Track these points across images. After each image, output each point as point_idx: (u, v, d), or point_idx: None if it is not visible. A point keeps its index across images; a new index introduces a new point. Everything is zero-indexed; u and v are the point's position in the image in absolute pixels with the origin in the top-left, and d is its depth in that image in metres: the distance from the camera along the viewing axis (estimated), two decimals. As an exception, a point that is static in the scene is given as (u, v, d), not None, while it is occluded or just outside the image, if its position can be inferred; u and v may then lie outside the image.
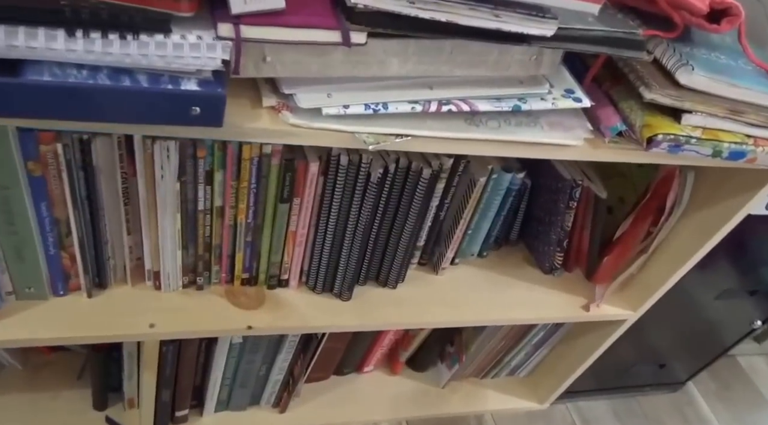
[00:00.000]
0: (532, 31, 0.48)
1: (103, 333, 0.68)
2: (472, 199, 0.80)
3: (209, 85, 0.45)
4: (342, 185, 0.67)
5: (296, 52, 0.48)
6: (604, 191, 0.84)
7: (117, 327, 0.69)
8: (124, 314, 0.70)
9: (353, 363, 1.13)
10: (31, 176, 0.57)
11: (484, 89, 0.56)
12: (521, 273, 0.96)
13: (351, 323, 0.81)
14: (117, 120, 0.44)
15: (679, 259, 0.87)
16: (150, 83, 0.43)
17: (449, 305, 0.87)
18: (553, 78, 0.60)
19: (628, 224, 0.92)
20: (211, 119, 0.46)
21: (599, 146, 0.62)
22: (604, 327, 1.00)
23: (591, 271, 0.97)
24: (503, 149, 0.57)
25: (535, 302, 0.92)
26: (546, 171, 0.88)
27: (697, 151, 0.61)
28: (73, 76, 0.41)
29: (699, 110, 0.60)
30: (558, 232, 0.90)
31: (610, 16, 0.58)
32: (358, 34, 0.46)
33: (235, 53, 0.44)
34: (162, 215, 0.65)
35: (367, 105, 0.52)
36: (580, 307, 0.93)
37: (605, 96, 0.66)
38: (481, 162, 0.79)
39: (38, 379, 1.00)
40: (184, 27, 0.44)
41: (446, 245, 0.88)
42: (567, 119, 0.60)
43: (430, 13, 0.45)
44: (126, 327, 0.69)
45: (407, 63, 0.51)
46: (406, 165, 0.70)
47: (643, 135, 0.60)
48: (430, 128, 0.55)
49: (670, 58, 0.61)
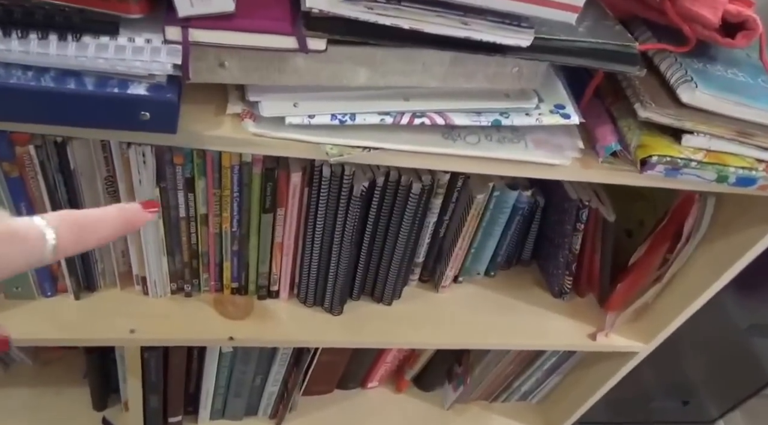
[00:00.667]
0: (505, 41, 0.45)
1: (83, 336, 0.69)
2: (471, 216, 0.77)
3: (159, 90, 0.44)
4: (326, 198, 0.65)
5: (255, 59, 0.46)
6: (612, 214, 0.79)
7: (97, 330, 0.69)
8: (107, 318, 0.70)
9: (357, 378, 1.11)
10: (7, 177, 0.57)
11: (465, 102, 0.53)
12: (529, 296, 0.92)
13: (338, 339, 0.79)
14: (64, 123, 0.44)
15: (695, 290, 0.81)
16: (96, 87, 0.42)
17: (446, 326, 0.84)
18: (544, 92, 0.57)
19: (643, 250, 0.86)
20: (163, 125, 0.45)
21: (591, 166, 0.57)
22: (615, 357, 0.94)
23: (603, 297, 0.92)
24: (482, 165, 0.54)
25: (539, 328, 0.88)
26: (555, 190, 0.84)
27: (698, 175, 0.57)
28: (16, 77, 0.41)
29: (701, 131, 0.55)
30: (566, 254, 0.85)
31: (606, 27, 0.54)
32: (316, 40, 0.45)
33: (184, 58, 0.43)
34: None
35: (334, 115, 0.50)
36: (587, 335, 0.88)
37: (606, 113, 0.62)
38: (483, 179, 0.75)
39: (45, 375, 1.02)
40: (135, 29, 0.43)
41: (446, 263, 0.84)
42: (556, 136, 0.57)
43: (391, 19, 0.43)
44: (105, 331, 0.69)
45: (376, 73, 0.49)
46: (395, 179, 0.67)
47: (636, 156, 0.55)
48: (405, 141, 0.53)
49: (674, 74, 0.56)
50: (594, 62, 0.50)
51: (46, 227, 0.29)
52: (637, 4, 0.60)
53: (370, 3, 0.42)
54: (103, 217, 0.33)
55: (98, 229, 0.32)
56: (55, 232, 0.29)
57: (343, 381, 1.10)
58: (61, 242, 0.30)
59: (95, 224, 0.32)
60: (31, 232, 0.29)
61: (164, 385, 0.86)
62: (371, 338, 0.80)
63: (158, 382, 0.83)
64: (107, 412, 0.98)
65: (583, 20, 0.54)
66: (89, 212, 0.32)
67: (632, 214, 0.92)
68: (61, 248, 0.30)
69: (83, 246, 0.31)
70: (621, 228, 0.92)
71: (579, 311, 0.91)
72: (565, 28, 0.50)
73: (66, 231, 0.30)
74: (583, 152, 0.58)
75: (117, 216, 0.33)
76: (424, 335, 0.83)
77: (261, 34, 0.43)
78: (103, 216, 0.33)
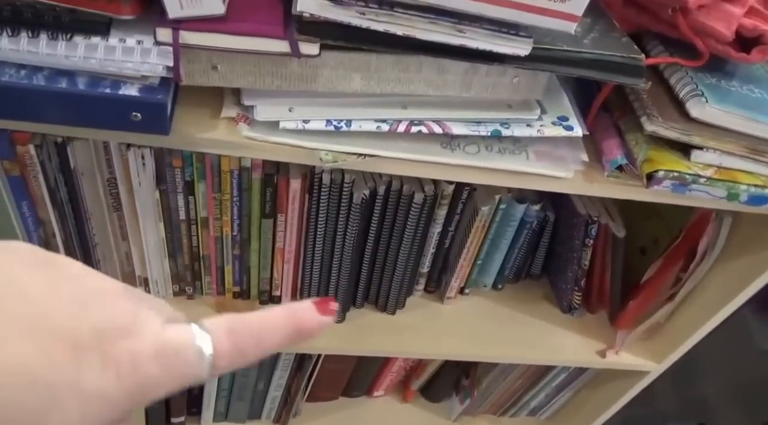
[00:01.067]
0: (501, 50, 0.44)
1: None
2: (476, 228, 0.75)
3: (151, 91, 0.44)
4: (326, 205, 0.65)
5: (248, 62, 0.46)
6: (622, 230, 0.77)
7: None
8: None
9: (362, 386, 1.10)
10: (8, 175, 0.58)
11: (465, 112, 0.52)
12: (537, 310, 0.90)
13: (340, 346, 0.78)
14: (57, 121, 0.44)
15: (709, 310, 0.78)
16: (88, 86, 0.42)
17: (450, 337, 0.82)
18: (548, 103, 0.55)
19: (656, 268, 0.84)
20: (154, 126, 0.45)
21: (595, 179, 0.56)
22: (625, 376, 0.91)
23: (614, 315, 0.89)
24: (481, 176, 0.53)
25: (548, 342, 0.86)
26: (565, 205, 0.82)
27: (708, 192, 0.54)
28: (9, 75, 0.41)
29: (711, 147, 0.53)
30: (575, 270, 0.83)
31: (612, 39, 0.52)
32: (309, 45, 0.44)
33: (175, 60, 0.43)
34: (143, 223, 0.65)
35: (329, 121, 0.49)
36: (596, 352, 0.86)
37: (614, 127, 0.60)
38: (489, 191, 0.74)
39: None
40: (127, 30, 0.43)
41: (452, 274, 0.83)
42: (559, 148, 0.55)
43: (384, 25, 0.42)
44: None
45: (371, 79, 0.48)
46: (397, 188, 0.66)
47: (643, 170, 0.53)
48: (402, 150, 0.52)
49: (683, 88, 0.54)
50: (597, 74, 0.48)
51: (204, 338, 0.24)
52: (650, 17, 0.58)
53: (363, 8, 0.41)
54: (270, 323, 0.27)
55: (263, 340, 0.26)
56: (212, 344, 0.25)
57: (349, 389, 1.09)
58: (219, 358, 0.25)
59: (261, 334, 0.26)
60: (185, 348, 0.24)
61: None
62: (373, 346, 0.79)
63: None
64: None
65: (590, 32, 0.52)
66: (255, 317, 0.26)
67: (646, 232, 0.89)
68: (219, 365, 0.25)
69: (244, 360, 0.26)
70: (635, 246, 0.90)
71: (589, 327, 0.89)
72: (569, 39, 0.49)
73: (226, 343, 0.25)
74: (588, 165, 0.56)
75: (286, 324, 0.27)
76: (427, 345, 0.81)
77: (252, 38, 0.43)
78: (271, 322, 0.27)
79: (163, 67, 0.43)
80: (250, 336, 0.26)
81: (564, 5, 0.41)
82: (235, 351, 0.25)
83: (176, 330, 0.24)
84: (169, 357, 0.23)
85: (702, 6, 0.53)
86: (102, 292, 0.23)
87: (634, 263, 0.88)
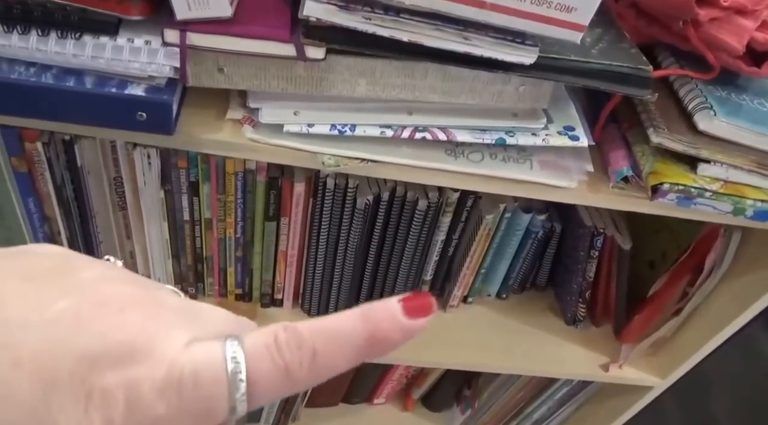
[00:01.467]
0: (507, 58, 0.44)
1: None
2: (480, 236, 0.75)
3: (157, 91, 0.44)
4: (329, 209, 0.65)
5: (254, 65, 0.46)
6: (629, 243, 0.76)
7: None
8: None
9: (362, 393, 1.09)
10: (16, 172, 0.58)
11: (470, 119, 0.52)
12: (541, 321, 0.89)
13: (340, 352, 0.77)
14: (65, 120, 0.44)
15: (715, 326, 0.77)
16: (95, 86, 0.43)
17: (452, 346, 0.82)
18: (555, 113, 0.55)
19: (663, 282, 0.83)
20: (159, 126, 0.45)
21: (600, 190, 0.55)
22: (630, 391, 0.90)
23: (618, 328, 0.88)
24: (484, 184, 0.53)
25: (550, 354, 0.85)
26: (571, 216, 0.82)
27: (714, 206, 0.54)
28: (18, 72, 0.42)
29: (718, 160, 0.52)
30: (580, 281, 0.83)
31: (621, 50, 0.52)
32: (315, 49, 0.44)
33: (181, 61, 0.43)
34: (148, 222, 0.65)
35: (333, 125, 0.49)
36: (599, 366, 0.85)
37: (621, 138, 0.59)
38: (494, 199, 0.74)
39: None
40: (136, 31, 0.43)
41: (455, 282, 0.82)
42: (564, 158, 0.55)
43: (389, 31, 0.42)
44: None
45: (376, 85, 0.48)
46: (401, 194, 0.66)
47: (648, 183, 0.53)
48: (405, 156, 0.52)
49: (692, 100, 0.54)
50: (603, 84, 0.48)
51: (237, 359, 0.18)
52: (661, 29, 0.58)
53: (369, 13, 0.41)
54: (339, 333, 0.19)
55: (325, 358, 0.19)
56: (247, 368, 0.18)
57: (349, 396, 1.08)
58: (256, 387, 0.18)
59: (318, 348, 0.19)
60: (207, 375, 0.18)
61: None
62: (373, 354, 0.78)
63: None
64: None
65: (599, 42, 0.52)
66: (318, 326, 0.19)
67: (655, 245, 0.88)
68: (257, 397, 0.18)
69: (294, 387, 0.19)
70: (644, 260, 0.89)
71: (593, 340, 0.88)
72: (576, 49, 0.48)
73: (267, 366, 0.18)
74: (594, 175, 0.56)
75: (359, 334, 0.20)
76: (429, 353, 0.81)
77: (259, 41, 0.43)
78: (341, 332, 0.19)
79: (169, 67, 0.43)
80: (303, 353, 0.19)
81: (570, 15, 0.41)
82: (281, 374, 0.18)
83: (199, 351, 0.18)
84: (184, 391, 0.17)
85: (714, 19, 0.53)
86: (111, 303, 0.18)
87: (642, 277, 0.87)
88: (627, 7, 0.57)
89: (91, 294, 0.19)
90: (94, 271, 0.20)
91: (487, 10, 0.41)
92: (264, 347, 0.19)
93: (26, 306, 0.18)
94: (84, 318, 0.18)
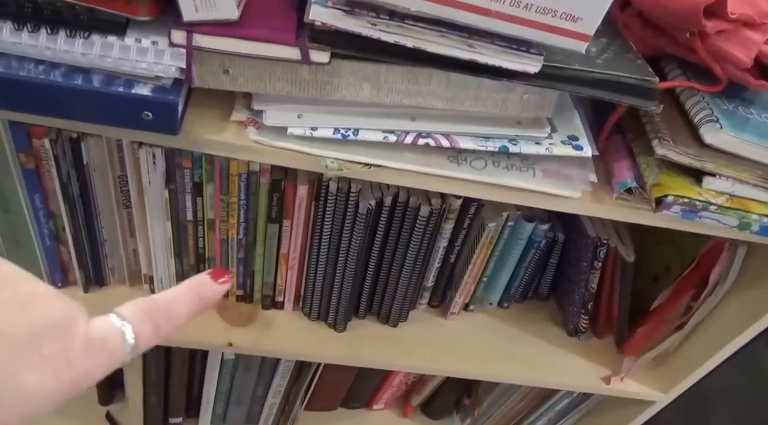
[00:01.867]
0: (511, 66, 0.44)
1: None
2: (482, 244, 0.75)
3: (163, 92, 0.44)
4: (332, 213, 0.65)
5: (259, 67, 0.46)
6: (632, 254, 0.76)
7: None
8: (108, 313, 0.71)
9: (362, 398, 1.09)
10: (24, 168, 0.59)
11: (473, 126, 0.52)
12: (542, 331, 0.89)
13: (339, 356, 0.78)
14: (72, 117, 0.45)
15: (719, 341, 0.76)
16: (102, 84, 0.43)
17: (451, 353, 0.82)
18: (559, 122, 0.55)
19: (666, 296, 0.82)
20: (164, 126, 0.46)
21: (603, 201, 0.55)
22: (631, 405, 0.90)
23: (620, 340, 0.88)
24: (486, 191, 0.53)
25: (551, 365, 0.85)
26: (575, 226, 0.81)
27: (718, 220, 0.53)
28: (27, 70, 0.42)
29: (724, 174, 0.52)
30: (582, 292, 0.82)
31: (627, 60, 0.52)
32: (319, 53, 0.44)
33: (187, 62, 0.43)
34: (151, 221, 0.66)
35: (337, 129, 0.49)
36: (601, 378, 0.84)
37: (626, 148, 0.59)
38: (497, 207, 0.74)
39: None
40: (144, 31, 0.43)
41: (456, 290, 0.82)
42: (568, 168, 0.55)
43: (394, 36, 0.42)
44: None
45: (380, 90, 0.48)
46: (404, 200, 0.66)
47: (652, 194, 0.53)
48: (408, 161, 0.52)
49: (698, 113, 0.54)
50: (608, 94, 0.48)
51: (125, 326, 0.28)
52: (668, 40, 0.58)
53: (374, 19, 0.41)
54: (177, 300, 0.30)
55: (174, 316, 0.30)
56: (133, 330, 0.28)
57: (348, 400, 1.08)
58: (139, 341, 0.28)
59: (171, 311, 0.30)
60: (110, 338, 0.27)
61: (166, 385, 0.86)
62: (374, 358, 0.78)
63: (159, 381, 0.83)
64: (112, 407, 0.99)
65: (605, 52, 0.52)
66: (163, 297, 0.30)
67: (659, 258, 0.88)
68: (139, 347, 0.28)
69: (159, 338, 0.29)
70: (647, 272, 0.88)
71: (595, 352, 0.87)
72: (582, 58, 0.48)
73: (143, 326, 0.28)
74: (597, 186, 0.56)
75: (191, 298, 0.31)
76: (429, 360, 0.81)
77: (264, 43, 0.43)
78: (178, 299, 0.30)
79: (176, 68, 0.44)
80: (163, 315, 0.29)
81: (575, 24, 0.41)
82: (152, 332, 0.28)
83: (100, 324, 0.27)
84: (98, 350, 0.26)
85: (721, 31, 0.53)
86: (37, 295, 0.25)
87: (645, 290, 0.86)
88: (633, 16, 0.57)
89: (20, 287, 0.25)
90: (7, 268, 0.26)
91: (492, 17, 0.41)
92: (141, 316, 0.28)
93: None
94: (26, 305, 0.24)
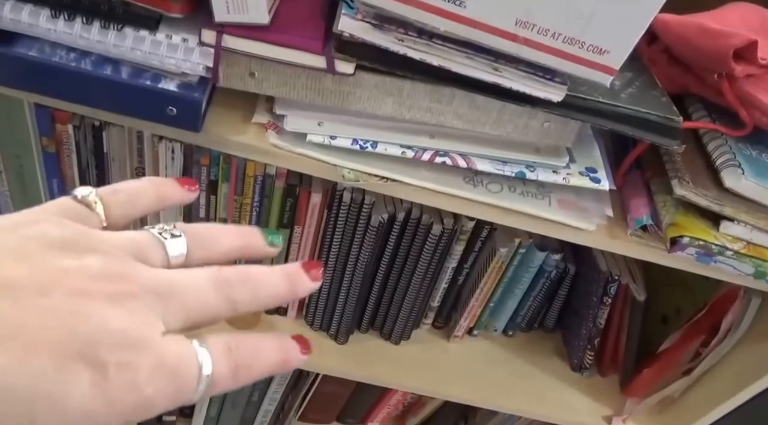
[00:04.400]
0: (535, 93, 0.44)
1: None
2: (492, 269, 0.74)
3: (189, 88, 0.45)
4: (343, 223, 0.65)
5: (284, 73, 0.47)
6: (643, 293, 0.74)
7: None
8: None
9: (357, 414, 1.08)
10: (45, 151, 0.60)
11: (491, 149, 0.52)
12: (546, 364, 0.87)
13: (337, 368, 0.77)
14: (96, 106, 0.45)
15: (727, 391, 0.74)
16: (130, 77, 0.44)
17: (452, 377, 0.81)
18: (579, 153, 0.55)
19: (675, 339, 0.81)
20: (187, 122, 0.46)
21: (618, 236, 0.54)
22: (630, 448, 0.88)
23: (625, 381, 0.86)
24: (500, 215, 0.52)
25: (552, 399, 0.83)
26: (587, 259, 0.80)
27: (734, 266, 0.52)
28: (59, 56, 0.43)
29: (742, 220, 0.51)
30: (589, 327, 0.81)
31: (652, 97, 0.51)
32: (345, 63, 0.45)
33: (215, 61, 0.44)
34: (164, 216, 0.66)
35: (355, 140, 0.50)
36: (602, 417, 0.82)
37: (644, 185, 0.59)
38: (510, 233, 0.73)
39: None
40: (175, 28, 0.44)
41: (462, 313, 0.82)
42: (584, 200, 0.54)
43: (421, 54, 0.43)
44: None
45: (402, 105, 0.49)
46: (416, 217, 0.66)
47: (667, 234, 0.52)
48: (423, 178, 0.52)
49: (720, 156, 0.53)
50: (630, 130, 0.48)
51: (205, 354, 0.22)
52: (695, 80, 0.58)
53: (402, 35, 0.42)
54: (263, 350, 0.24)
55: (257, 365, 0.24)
56: (212, 360, 0.22)
57: (343, 415, 1.07)
58: (215, 381, 0.22)
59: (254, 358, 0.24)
60: (185, 367, 0.21)
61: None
62: (372, 374, 0.78)
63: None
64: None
65: (629, 86, 0.52)
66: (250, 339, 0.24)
67: (669, 300, 0.86)
68: (213, 389, 0.22)
69: (234, 386, 0.23)
70: (657, 314, 0.87)
71: (598, 390, 0.86)
72: (606, 91, 0.48)
73: (224, 364, 0.22)
74: (612, 220, 0.55)
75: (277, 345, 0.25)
76: (428, 382, 0.80)
77: (292, 50, 0.44)
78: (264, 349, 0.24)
79: (203, 66, 0.44)
80: (246, 360, 0.23)
81: (602, 57, 0.41)
82: (230, 374, 0.23)
83: (177, 345, 0.21)
84: (167, 378, 0.21)
85: (750, 75, 0.52)
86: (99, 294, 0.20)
87: (653, 332, 0.85)
88: (660, 52, 0.57)
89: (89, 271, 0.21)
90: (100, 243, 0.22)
91: (519, 44, 0.41)
92: (223, 351, 0.23)
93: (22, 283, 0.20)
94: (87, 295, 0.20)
